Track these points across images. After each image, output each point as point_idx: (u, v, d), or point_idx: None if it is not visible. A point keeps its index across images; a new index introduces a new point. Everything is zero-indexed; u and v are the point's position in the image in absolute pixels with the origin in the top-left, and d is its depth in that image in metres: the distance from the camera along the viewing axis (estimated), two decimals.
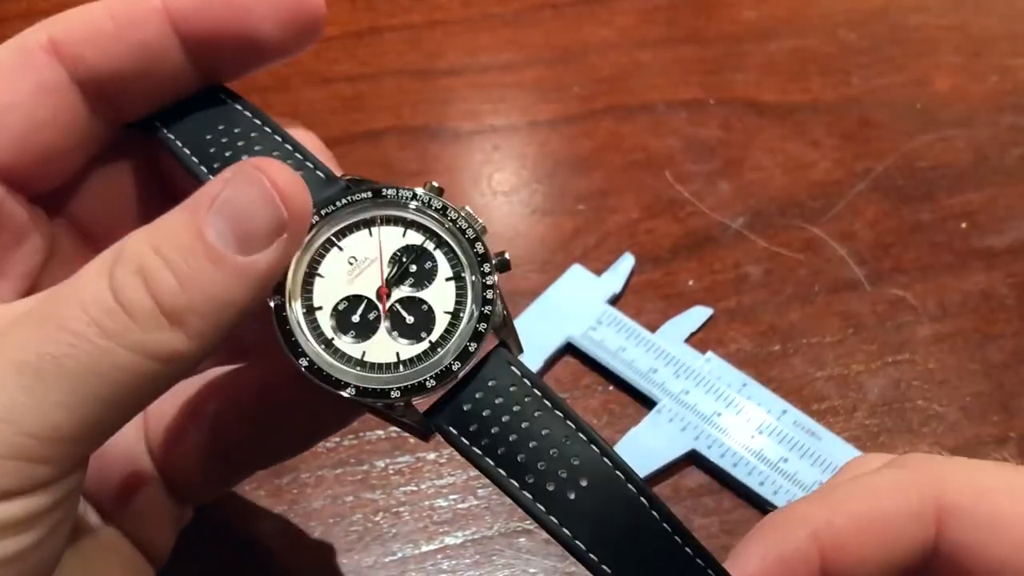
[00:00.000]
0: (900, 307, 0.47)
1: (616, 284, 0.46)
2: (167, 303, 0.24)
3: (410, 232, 0.28)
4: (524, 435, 0.27)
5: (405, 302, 0.28)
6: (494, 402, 0.27)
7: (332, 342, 0.27)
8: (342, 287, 0.27)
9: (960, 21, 0.59)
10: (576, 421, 0.27)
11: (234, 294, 0.25)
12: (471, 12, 0.58)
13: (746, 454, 0.41)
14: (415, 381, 0.27)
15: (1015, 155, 0.53)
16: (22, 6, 0.56)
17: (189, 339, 0.24)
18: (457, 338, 0.27)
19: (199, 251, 0.25)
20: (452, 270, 0.28)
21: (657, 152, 0.52)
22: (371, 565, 0.39)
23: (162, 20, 0.28)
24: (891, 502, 0.23)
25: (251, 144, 0.29)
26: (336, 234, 0.28)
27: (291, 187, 0.25)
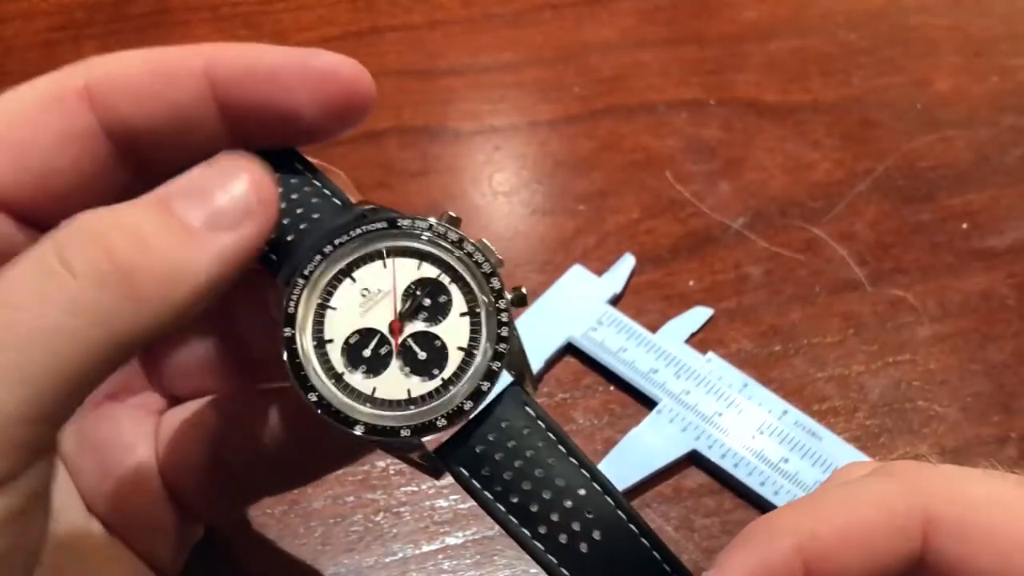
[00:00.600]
0: (901, 307, 0.47)
1: (616, 284, 0.46)
2: (120, 257, 0.23)
3: (425, 264, 0.27)
4: (538, 483, 0.26)
5: (418, 337, 0.27)
6: (507, 445, 0.26)
7: (342, 376, 0.26)
8: (354, 320, 0.27)
9: (961, 21, 0.59)
10: (590, 469, 0.26)
11: (195, 264, 0.24)
12: (472, 12, 0.58)
13: (747, 454, 0.41)
14: (426, 420, 0.26)
15: (1016, 155, 0.53)
16: (22, 6, 0.56)
17: (136, 304, 0.23)
18: (470, 376, 0.26)
19: (165, 221, 0.24)
20: (467, 305, 0.27)
21: (657, 152, 0.52)
22: (372, 565, 0.39)
23: (201, 84, 0.27)
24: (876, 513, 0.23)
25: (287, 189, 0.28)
26: (349, 264, 0.27)
27: (262, 177, 0.26)
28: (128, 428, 0.32)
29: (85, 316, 0.22)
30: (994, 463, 0.42)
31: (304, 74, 0.27)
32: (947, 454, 0.43)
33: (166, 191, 0.25)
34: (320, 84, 0.27)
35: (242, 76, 0.27)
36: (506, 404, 0.27)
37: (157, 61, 0.27)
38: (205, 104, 0.27)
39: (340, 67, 0.27)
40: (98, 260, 0.23)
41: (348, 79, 0.27)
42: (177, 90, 0.27)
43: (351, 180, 0.30)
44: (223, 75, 0.27)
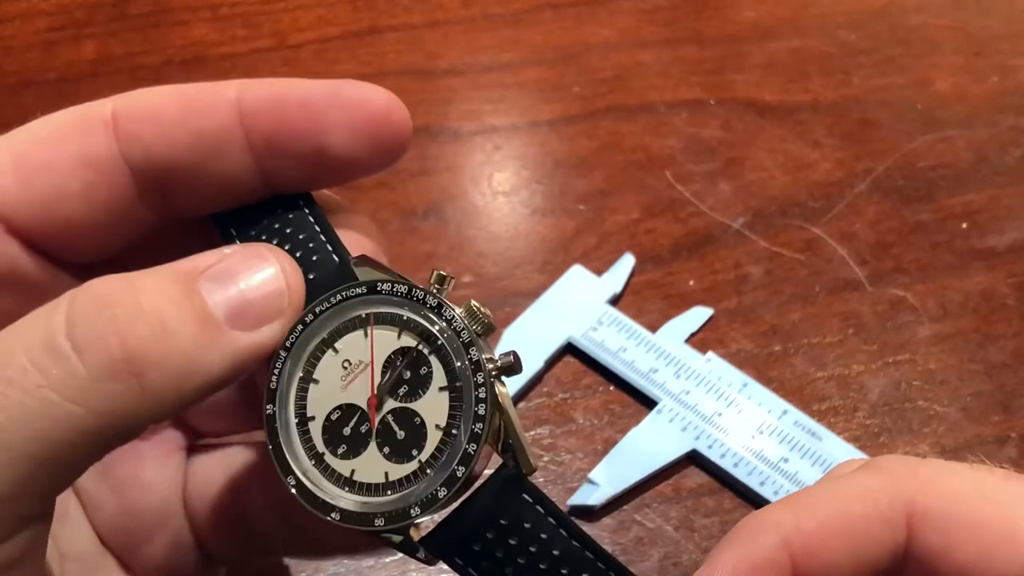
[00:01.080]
0: (901, 307, 0.47)
1: (616, 284, 0.46)
2: (134, 348, 0.22)
3: (404, 334, 0.25)
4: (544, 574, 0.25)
5: (397, 414, 0.25)
6: (508, 542, 0.25)
7: (323, 457, 0.25)
8: (336, 394, 0.25)
9: (961, 21, 0.59)
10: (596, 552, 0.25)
11: (211, 363, 0.23)
12: (472, 12, 0.58)
13: (747, 454, 0.41)
14: (399, 508, 0.24)
15: (1016, 155, 0.53)
16: (22, 6, 0.56)
17: (143, 396, 0.22)
18: (446, 460, 0.24)
19: (187, 306, 0.23)
20: (447, 379, 0.25)
21: (657, 152, 0.52)
22: (372, 565, 0.39)
23: (230, 113, 0.26)
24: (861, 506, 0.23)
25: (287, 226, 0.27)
26: (332, 334, 0.25)
27: (296, 279, 0.25)
28: (151, 467, 0.31)
29: (86, 405, 0.21)
30: (982, 458, 0.42)
31: (335, 103, 0.26)
32: (947, 453, 0.43)
33: (195, 266, 0.24)
34: (351, 113, 0.26)
35: (272, 105, 0.26)
36: (499, 491, 0.25)
37: (187, 91, 0.26)
38: (233, 134, 0.26)
39: (372, 96, 0.26)
40: (110, 347, 0.22)
41: (380, 108, 0.26)
42: (205, 119, 0.26)
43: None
44: (252, 104, 0.26)
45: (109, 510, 0.30)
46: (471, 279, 0.47)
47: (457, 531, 0.25)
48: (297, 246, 0.27)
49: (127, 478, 0.30)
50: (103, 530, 0.30)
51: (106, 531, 0.30)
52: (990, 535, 0.22)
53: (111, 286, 0.23)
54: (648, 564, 0.39)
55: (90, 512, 0.30)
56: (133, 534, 0.30)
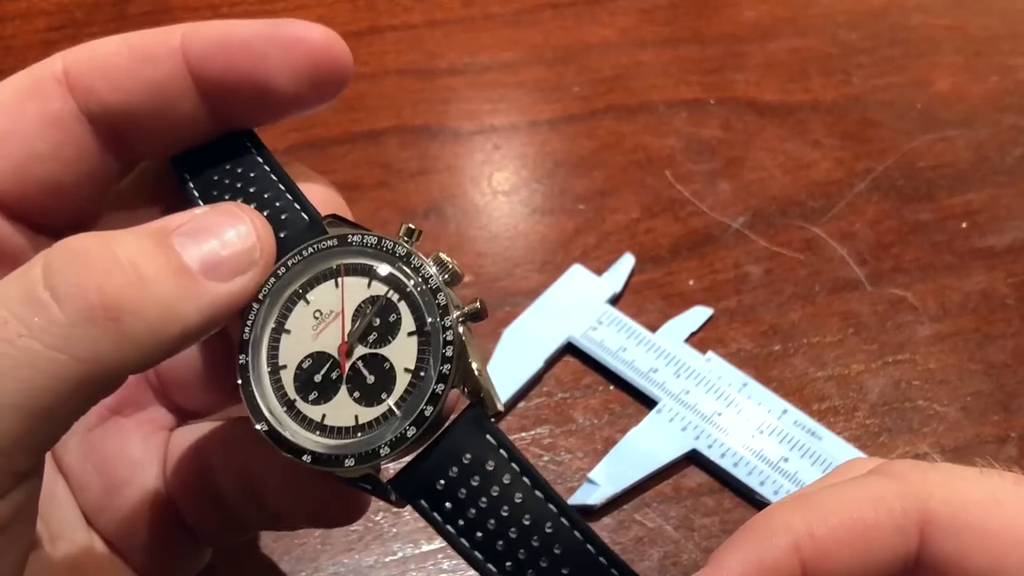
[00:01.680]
0: (900, 307, 0.47)
1: (616, 284, 0.46)
2: (111, 293, 0.22)
3: (374, 283, 0.26)
4: (504, 520, 0.25)
5: (367, 360, 0.26)
6: (470, 481, 0.25)
7: (295, 403, 0.26)
8: (307, 343, 0.26)
9: (960, 21, 0.59)
10: (557, 502, 0.25)
11: (187, 311, 0.23)
12: (471, 12, 0.58)
13: (747, 454, 0.41)
14: (370, 448, 0.25)
15: (1016, 155, 0.53)
16: (22, 6, 0.56)
17: (122, 341, 0.22)
18: (414, 400, 0.25)
19: (162, 258, 0.23)
20: (415, 324, 0.26)
21: (657, 152, 0.52)
22: (372, 565, 0.39)
23: (177, 61, 0.27)
24: (873, 512, 0.23)
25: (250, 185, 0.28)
26: (303, 285, 0.26)
27: (265, 231, 0.26)
28: (136, 445, 0.31)
29: (68, 351, 0.22)
30: (991, 461, 0.42)
31: (273, 41, 0.27)
32: (947, 453, 0.43)
33: (167, 224, 0.24)
34: (289, 50, 0.27)
35: (215, 49, 0.27)
36: (465, 432, 0.26)
37: (134, 41, 0.27)
38: (182, 81, 0.27)
39: (308, 33, 0.27)
40: (87, 293, 0.22)
41: (318, 44, 0.27)
42: (154, 68, 0.27)
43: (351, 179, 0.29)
44: (197, 49, 0.27)
45: (94, 489, 0.30)
46: (471, 279, 0.47)
47: (422, 472, 0.26)
48: (264, 205, 0.27)
49: (111, 456, 0.31)
50: (89, 509, 0.30)
51: (92, 510, 0.30)
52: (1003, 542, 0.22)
53: (86, 241, 0.23)
54: (648, 564, 0.39)
55: (76, 492, 0.30)
56: (118, 513, 0.30)
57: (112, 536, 0.30)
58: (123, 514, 0.30)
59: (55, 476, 0.30)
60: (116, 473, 0.30)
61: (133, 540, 0.30)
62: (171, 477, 0.31)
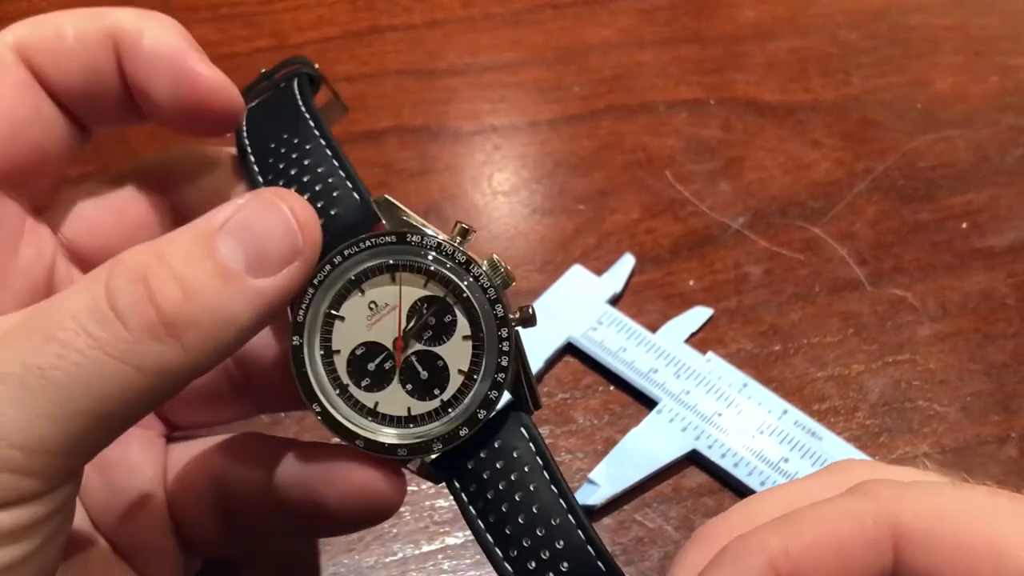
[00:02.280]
0: (901, 307, 0.47)
1: (616, 284, 0.46)
2: (168, 312, 0.24)
3: (431, 283, 0.27)
4: (516, 506, 0.26)
5: (421, 355, 0.27)
6: (496, 465, 0.27)
7: (347, 388, 0.27)
8: (361, 332, 0.27)
9: (960, 21, 0.59)
10: (568, 499, 0.27)
11: (240, 313, 0.24)
12: (471, 12, 0.58)
13: (747, 454, 0.41)
14: (422, 441, 0.27)
15: (1016, 155, 0.53)
16: (22, 6, 0.56)
17: (185, 353, 0.24)
18: (468, 401, 0.27)
19: (209, 266, 0.24)
20: (470, 329, 0.27)
21: (657, 152, 0.52)
22: (372, 565, 0.39)
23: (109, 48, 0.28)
24: (847, 527, 0.23)
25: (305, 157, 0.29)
26: (359, 276, 0.27)
27: (307, 217, 0.26)
28: (136, 450, 0.32)
29: (134, 364, 0.23)
30: (965, 476, 0.42)
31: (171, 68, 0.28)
32: (947, 453, 0.43)
33: (209, 226, 0.25)
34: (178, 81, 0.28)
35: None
36: (503, 423, 0.27)
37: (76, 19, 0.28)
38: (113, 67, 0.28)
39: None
40: (147, 313, 0.23)
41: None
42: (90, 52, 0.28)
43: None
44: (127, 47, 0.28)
45: (97, 491, 0.31)
46: None
47: (460, 454, 0.27)
48: (317, 179, 0.28)
49: (112, 461, 0.31)
50: (94, 513, 0.31)
51: (95, 512, 0.31)
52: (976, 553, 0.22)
53: (139, 255, 0.24)
54: (648, 564, 0.39)
55: (82, 494, 0.31)
56: (120, 517, 0.31)
57: (114, 537, 0.31)
58: (123, 518, 0.31)
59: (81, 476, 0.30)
60: (117, 477, 0.31)
61: (133, 543, 0.31)
62: (175, 489, 0.32)
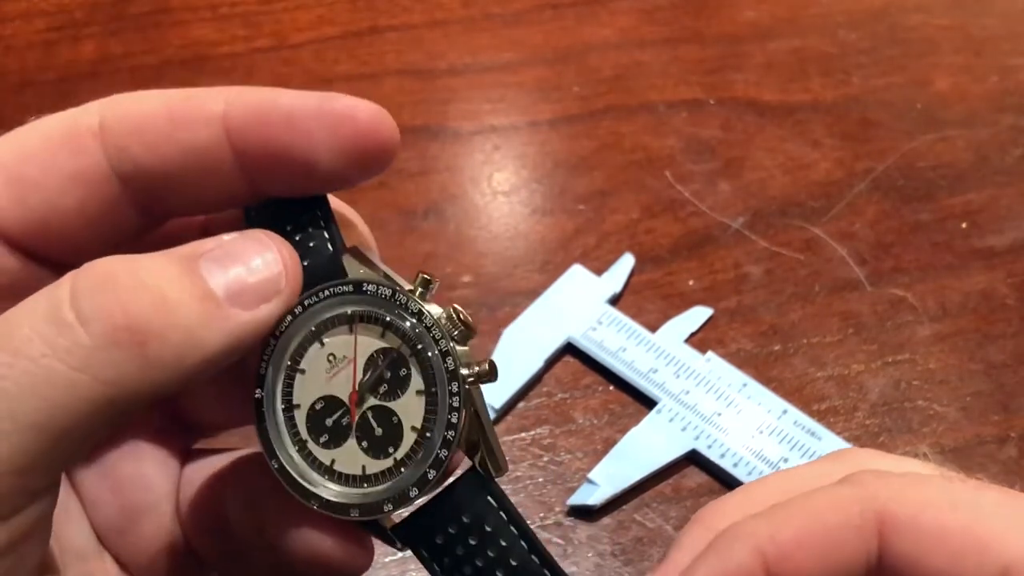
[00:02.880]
0: (900, 307, 0.47)
1: (616, 284, 0.46)
2: (134, 318, 0.22)
3: (388, 334, 0.26)
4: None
5: (377, 411, 0.26)
6: (468, 541, 0.26)
7: (306, 444, 0.26)
8: (320, 386, 0.26)
9: (960, 21, 0.59)
10: (552, 568, 0.26)
11: (210, 337, 0.23)
12: (471, 12, 0.58)
13: (746, 454, 0.41)
14: (374, 502, 0.26)
15: (1015, 155, 0.53)
16: (22, 6, 0.56)
17: (145, 364, 0.22)
18: (419, 460, 0.26)
19: (187, 283, 0.23)
20: (423, 383, 0.26)
21: (657, 152, 0.52)
22: (372, 564, 0.39)
23: (218, 128, 0.26)
24: (833, 515, 0.23)
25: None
26: (318, 327, 0.26)
27: (293, 261, 0.25)
28: (151, 468, 0.31)
29: (90, 372, 0.22)
30: (958, 469, 0.42)
31: (320, 117, 0.26)
32: (947, 453, 0.43)
33: (195, 250, 0.24)
34: (337, 128, 0.26)
35: (258, 120, 0.26)
36: (467, 492, 0.26)
37: (175, 101, 0.26)
38: (221, 149, 0.26)
39: (357, 110, 0.26)
40: (113, 315, 0.22)
41: (366, 122, 0.26)
42: (193, 134, 0.26)
43: None
44: (239, 119, 0.26)
45: (108, 509, 0.30)
46: (471, 279, 0.47)
47: (424, 523, 0.26)
48: (296, 230, 0.27)
49: (127, 477, 0.30)
50: (101, 528, 0.30)
51: (104, 529, 0.30)
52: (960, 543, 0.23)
53: (113, 264, 0.23)
54: (648, 564, 0.39)
55: (89, 510, 0.30)
56: (129, 533, 0.30)
57: (125, 558, 0.30)
58: (137, 537, 0.30)
59: (69, 494, 0.30)
60: (132, 496, 0.30)
61: (145, 563, 0.30)
62: (183, 506, 0.31)
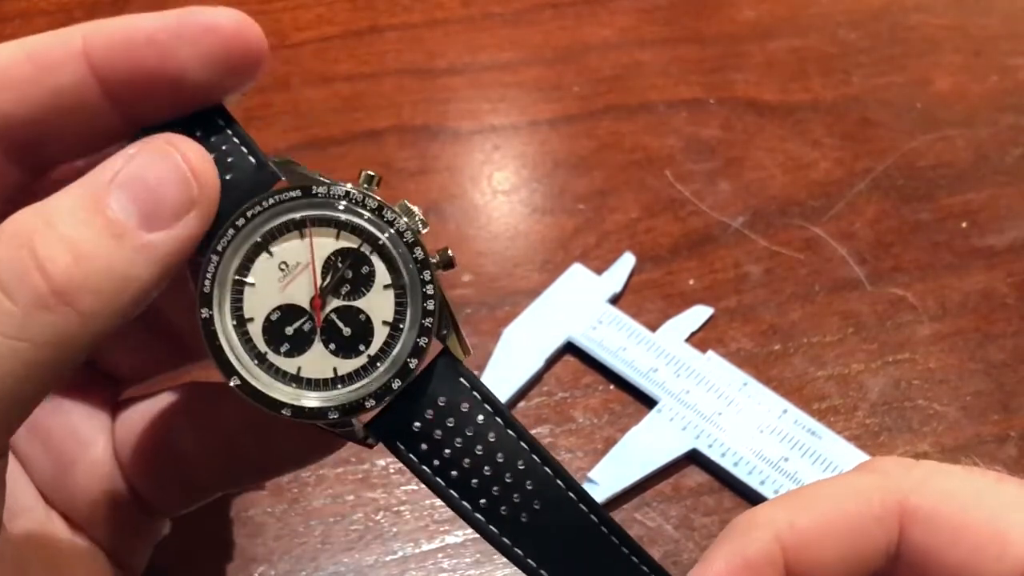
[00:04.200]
0: (900, 306, 0.47)
1: (616, 283, 0.46)
2: (57, 279, 0.22)
3: (344, 234, 0.26)
4: (479, 458, 0.26)
5: (341, 312, 0.26)
6: (446, 423, 0.26)
7: (266, 356, 0.25)
8: (274, 296, 0.25)
9: (960, 21, 0.59)
10: (529, 441, 0.26)
11: (137, 271, 0.23)
12: (471, 11, 0.58)
13: (747, 453, 0.41)
14: (353, 400, 0.25)
15: (1015, 154, 0.53)
16: (22, 5, 0.56)
17: (82, 320, 0.22)
18: (397, 352, 0.25)
19: (99, 224, 0.23)
20: (390, 276, 0.26)
21: (657, 151, 0.52)
22: (372, 564, 0.39)
23: (81, 65, 0.26)
24: (854, 504, 0.23)
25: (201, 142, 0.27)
26: (265, 237, 0.25)
27: (201, 163, 0.24)
28: (79, 420, 0.31)
29: (27, 338, 0.22)
30: (975, 460, 0.42)
31: (181, 33, 0.25)
32: (947, 453, 0.43)
33: (97, 182, 0.24)
34: (200, 40, 0.25)
35: (119, 48, 0.26)
36: (440, 377, 0.26)
37: (32, 47, 0.26)
38: (87, 84, 0.26)
39: (219, 19, 0.26)
40: (35, 283, 0.22)
41: (230, 29, 0.26)
42: (57, 74, 0.26)
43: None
44: (101, 50, 0.26)
45: (43, 464, 0.30)
46: (470, 278, 0.47)
47: (399, 414, 0.26)
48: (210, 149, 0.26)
49: (56, 432, 0.30)
50: (43, 487, 0.30)
51: (46, 488, 0.30)
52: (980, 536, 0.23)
53: (23, 221, 0.23)
54: None
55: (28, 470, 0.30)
56: (71, 489, 0.30)
57: (69, 512, 0.30)
58: (76, 490, 0.30)
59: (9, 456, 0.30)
60: (65, 451, 0.30)
61: (89, 515, 0.30)
62: (125, 451, 0.30)
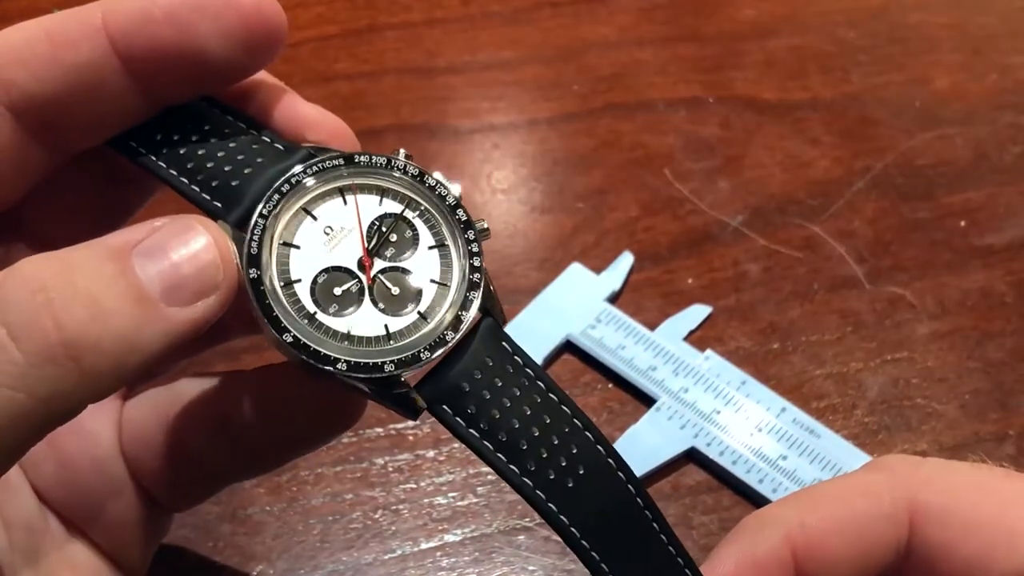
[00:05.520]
0: (899, 305, 0.47)
1: (615, 282, 0.47)
2: (71, 333, 0.21)
3: (387, 200, 0.27)
4: (526, 422, 0.26)
5: (388, 272, 0.27)
6: (495, 382, 0.26)
7: (315, 316, 0.26)
8: (320, 258, 0.26)
9: (959, 19, 0.59)
10: (570, 406, 0.27)
11: (148, 342, 0.23)
12: (471, 10, 0.58)
13: (745, 452, 0.41)
14: (408, 353, 0.25)
15: (1014, 153, 0.53)
16: (22, 5, 0.56)
17: (81, 378, 0.22)
18: (447, 307, 0.26)
19: (123, 285, 0.22)
20: (434, 238, 0.27)
21: (656, 150, 0.52)
22: (370, 562, 0.39)
23: (101, 41, 0.25)
24: (863, 503, 0.23)
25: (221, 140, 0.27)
26: (309, 202, 0.26)
27: (227, 250, 0.24)
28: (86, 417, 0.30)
29: (25, 390, 0.21)
30: (983, 456, 0.42)
31: (202, 9, 0.25)
32: (945, 451, 0.43)
33: (126, 241, 0.23)
34: (221, 16, 0.25)
35: (139, 24, 0.25)
36: (484, 339, 0.26)
37: (51, 25, 0.26)
38: (108, 61, 0.26)
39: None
40: (46, 332, 0.21)
41: (249, 7, 0.26)
42: (77, 51, 0.25)
43: None
44: (120, 26, 0.25)
45: (48, 465, 0.29)
46: None
47: (450, 376, 0.26)
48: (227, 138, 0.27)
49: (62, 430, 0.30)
50: (44, 489, 0.29)
51: (47, 489, 0.29)
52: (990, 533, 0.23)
53: (42, 267, 0.22)
54: None
55: (29, 472, 0.29)
56: (73, 487, 0.30)
57: (69, 512, 0.30)
58: (79, 488, 0.30)
59: None
60: (68, 446, 0.30)
61: (91, 514, 0.30)
62: (132, 444, 0.30)
